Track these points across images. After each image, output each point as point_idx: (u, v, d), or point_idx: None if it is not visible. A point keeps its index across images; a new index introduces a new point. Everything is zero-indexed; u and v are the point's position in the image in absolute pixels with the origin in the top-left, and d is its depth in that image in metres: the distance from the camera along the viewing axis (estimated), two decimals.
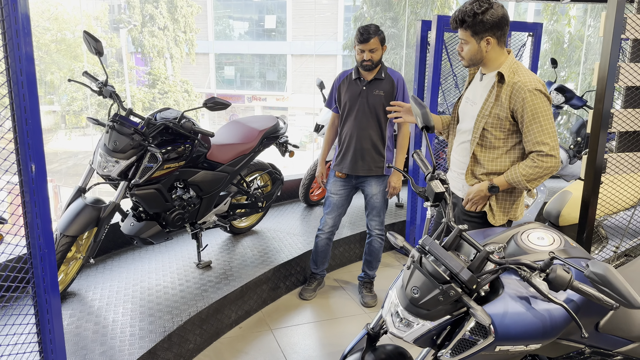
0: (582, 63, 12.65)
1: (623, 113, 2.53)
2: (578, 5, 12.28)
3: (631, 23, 2.42)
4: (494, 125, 2.23)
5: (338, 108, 3.34)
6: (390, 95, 3.18)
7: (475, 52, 2.21)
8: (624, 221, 2.97)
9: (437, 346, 1.63)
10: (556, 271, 1.40)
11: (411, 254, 1.64)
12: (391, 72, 3.23)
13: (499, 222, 2.33)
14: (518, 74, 2.18)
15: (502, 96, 2.18)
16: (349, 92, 3.22)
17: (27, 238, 1.76)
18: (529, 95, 2.11)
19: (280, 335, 3.15)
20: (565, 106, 5.28)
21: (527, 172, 2.16)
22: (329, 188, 3.42)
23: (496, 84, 2.21)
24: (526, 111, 2.13)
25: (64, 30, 18.34)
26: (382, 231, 3.47)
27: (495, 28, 2.14)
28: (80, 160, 18.19)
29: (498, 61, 2.23)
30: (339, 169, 3.35)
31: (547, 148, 2.12)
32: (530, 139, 2.16)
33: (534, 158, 2.15)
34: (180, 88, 20.35)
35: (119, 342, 2.56)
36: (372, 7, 16.81)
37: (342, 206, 3.43)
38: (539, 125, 2.13)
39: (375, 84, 3.18)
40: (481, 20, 2.12)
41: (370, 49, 3.06)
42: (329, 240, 3.52)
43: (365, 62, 3.09)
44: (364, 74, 3.20)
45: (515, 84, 2.14)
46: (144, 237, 3.06)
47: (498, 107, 2.20)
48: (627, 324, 1.72)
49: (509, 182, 2.23)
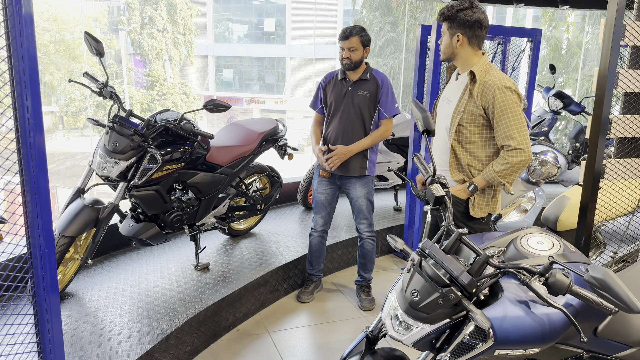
0: (580, 69, 12.70)
1: (622, 119, 2.54)
2: (577, 11, 12.35)
3: (630, 30, 2.44)
4: (469, 121, 2.38)
5: (324, 109, 3.36)
6: (375, 96, 3.22)
7: (447, 46, 2.39)
8: (622, 227, 2.98)
9: (436, 350, 1.63)
10: (555, 275, 1.41)
11: (411, 257, 1.64)
12: (376, 73, 3.26)
13: (478, 214, 2.45)
14: (489, 73, 2.33)
15: (474, 93, 2.33)
16: (335, 92, 3.26)
17: (28, 238, 1.76)
18: (499, 93, 2.25)
19: (278, 338, 3.15)
20: (564, 112, 5.31)
21: (499, 170, 2.31)
22: (315, 187, 3.44)
23: (469, 82, 2.36)
24: (496, 107, 2.27)
25: (63, 31, 18.33)
26: (372, 233, 3.47)
27: (466, 27, 2.32)
28: (78, 161, 18.15)
29: (471, 61, 2.38)
30: (323, 169, 3.35)
31: (515, 142, 2.26)
32: (500, 134, 2.30)
33: (504, 155, 2.30)
34: (179, 90, 20.34)
35: (117, 343, 2.55)
36: (372, 11, 16.86)
37: (330, 204, 3.45)
38: (508, 120, 2.26)
39: (360, 84, 3.21)
40: (456, 16, 2.32)
41: (349, 47, 3.10)
42: (322, 239, 3.53)
43: (344, 59, 3.14)
44: (349, 75, 3.23)
45: (486, 82, 2.30)
46: (142, 238, 3.06)
47: (471, 104, 2.35)
48: (625, 329, 1.72)
49: (486, 180, 2.37)
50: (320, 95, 3.36)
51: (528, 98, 4.67)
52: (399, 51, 15.78)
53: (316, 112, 3.43)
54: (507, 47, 4.52)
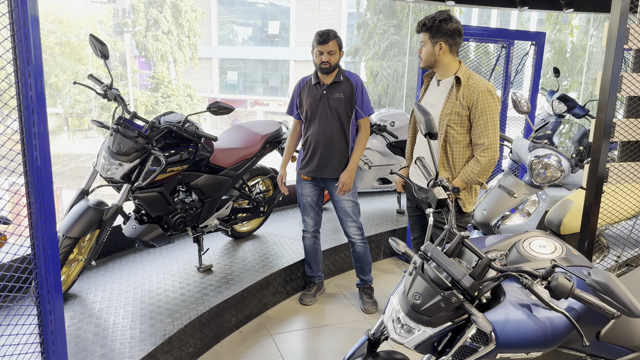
0: (585, 73, 12.67)
1: (625, 123, 2.54)
2: (581, 15, 12.33)
3: (634, 33, 2.43)
4: (456, 122, 2.60)
5: (300, 114, 3.34)
6: (350, 97, 3.21)
7: (430, 54, 2.60)
8: (626, 231, 2.97)
9: (438, 353, 1.63)
10: (558, 279, 1.40)
11: (413, 260, 1.64)
12: (349, 75, 3.26)
13: (469, 209, 2.76)
14: (472, 77, 2.59)
15: (460, 96, 2.57)
16: (310, 98, 3.24)
17: (32, 239, 1.77)
18: (481, 95, 2.53)
19: (280, 340, 3.15)
20: (568, 115, 5.29)
21: (475, 170, 2.58)
22: (299, 191, 3.44)
23: (454, 86, 2.59)
24: (478, 107, 2.53)
25: (69, 33, 18.43)
26: (362, 235, 3.45)
27: (448, 36, 2.55)
28: (82, 163, 18.22)
29: (451, 68, 2.62)
30: (304, 172, 3.35)
31: (488, 141, 2.54)
32: (476, 132, 2.58)
33: (476, 156, 2.58)
34: (183, 92, 20.40)
35: (119, 344, 2.56)
36: (376, 14, 16.88)
37: (317, 204, 3.45)
38: (485, 120, 2.54)
39: (335, 87, 3.20)
40: (439, 27, 2.54)
41: (328, 51, 3.10)
42: (315, 239, 3.53)
43: (323, 63, 3.12)
44: (322, 78, 3.21)
45: (470, 85, 2.56)
46: (145, 239, 3.07)
47: (458, 106, 2.58)
48: (628, 333, 1.72)
49: (464, 182, 2.63)
50: (296, 102, 3.34)
51: (532, 101, 4.66)
52: (403, 54, 15.78)
53: (294, 118, 3.42)
54: (511, 50, 4.52)
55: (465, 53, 4.91)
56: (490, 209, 3.30)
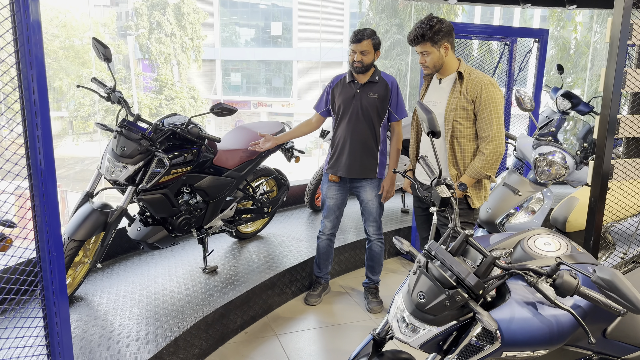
0: (589, 69, 12.62)
1: (630, 119, 2.52)
2: (584, 11, 12.28)
3: (637, 29, 2.41)
4: (462, 116, 2.64)
5: (331, 111, 3.31)
6: (384, 98, 3.18)
7: (437, 59, 2.64)
8: (632, 227, 2.95)
9: (443, 352, 1.62)
10: (563, 277, 1.40)
11: (417, 259, 1.64)
12: (385, 76, 3.23)
13: (477, 204, 2.76)
14: (473, 72, 2.65)
15: (464, 90, 2.63)
16: (343, 95, 3.21)
17: (37, 242, 1.77)
18: (484, 87, 2.59)
19: (285, 340, 3.15)
20: (572, 112, 5.27)
21: (481, 164, 2.61)
22: (324, 192, 3.42)
23: (457, 81, 2.65)
24: (482, 98, 2.58)
25: (72, 37, 18.53)
26: (381, 235, 3.46)
27: (448, 35, 2.61)
28: (87, 166, 18.31)
29: (452, 65, 2.68)
30: (332, 171, 3.32)
31: (492, 133, 2.58)
32: (481, 125, 2.61)
33: (481, 150, 2.61)
34: (187, 94, 20.47)
35: (125, 346, 2.57)
36: (378, 13, 16.88)
37: (339, 208, 3.44)
38: (489, 112, 2.58)
39: (369, 86, 3.17)
40: (438, 30, 2.57)
41: (361, 50, 3.06)
42: (330, 242, 3.52)
43: (355, 62, 3.09)
44: (357, 77, 3.18)
45: (473, 79, 2.62)
46: (150, 241, 3.08)
47: (463, 100, 2.62)
48: (634, 330, 1.71)
49: (471, 177, 2.66)
50: (328, 97, 3.30)
51: (535, 98, 4.64)
52: (406, 53, 15.77)
53: (317, 113, 3.39)
54: (514, 47, 4.50)
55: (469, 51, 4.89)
56: (494, 207, 3.29)
